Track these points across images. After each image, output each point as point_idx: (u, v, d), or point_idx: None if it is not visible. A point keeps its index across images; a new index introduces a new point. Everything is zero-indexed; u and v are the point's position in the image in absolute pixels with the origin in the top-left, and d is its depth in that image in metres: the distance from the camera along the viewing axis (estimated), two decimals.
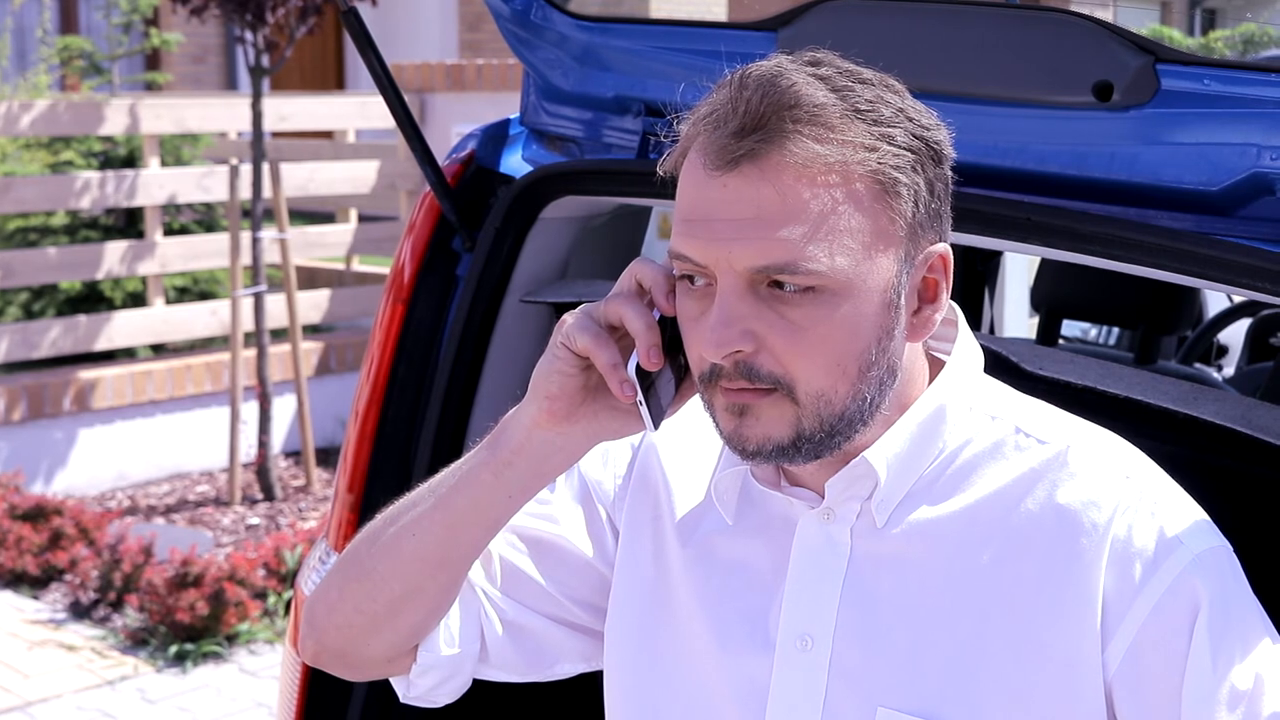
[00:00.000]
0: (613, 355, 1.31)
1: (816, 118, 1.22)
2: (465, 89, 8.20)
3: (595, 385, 1.35)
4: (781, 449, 1.27)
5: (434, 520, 1.42)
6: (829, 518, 1.35)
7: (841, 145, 1.22)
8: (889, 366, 1.28)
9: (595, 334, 1.32)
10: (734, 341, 1.23)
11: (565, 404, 1.35)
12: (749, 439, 1.27)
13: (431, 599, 1.45)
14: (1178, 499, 1.31)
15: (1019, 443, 1.34)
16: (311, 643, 1.52)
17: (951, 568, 1.31)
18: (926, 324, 1.31)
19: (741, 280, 1.23)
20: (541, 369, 1.36)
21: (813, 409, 1.25)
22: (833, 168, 1.22)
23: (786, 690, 1.34)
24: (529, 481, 1.40)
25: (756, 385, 1.25)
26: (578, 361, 1.34)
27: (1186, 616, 1.25)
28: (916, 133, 1.26)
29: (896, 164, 1.24)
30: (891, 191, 1.24)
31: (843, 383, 1.25)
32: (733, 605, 1.39)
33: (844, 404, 1.26)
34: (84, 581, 5.46)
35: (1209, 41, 3.71)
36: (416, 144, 2.20)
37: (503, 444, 1.39)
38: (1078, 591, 1.27)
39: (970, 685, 1.29)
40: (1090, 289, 3.21)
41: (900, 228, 1.25)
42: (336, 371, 7.43)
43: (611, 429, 1.37)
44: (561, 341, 1.34)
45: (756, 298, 1.24)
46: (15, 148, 7.68)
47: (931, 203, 1.28)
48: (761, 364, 1.24)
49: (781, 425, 1.26)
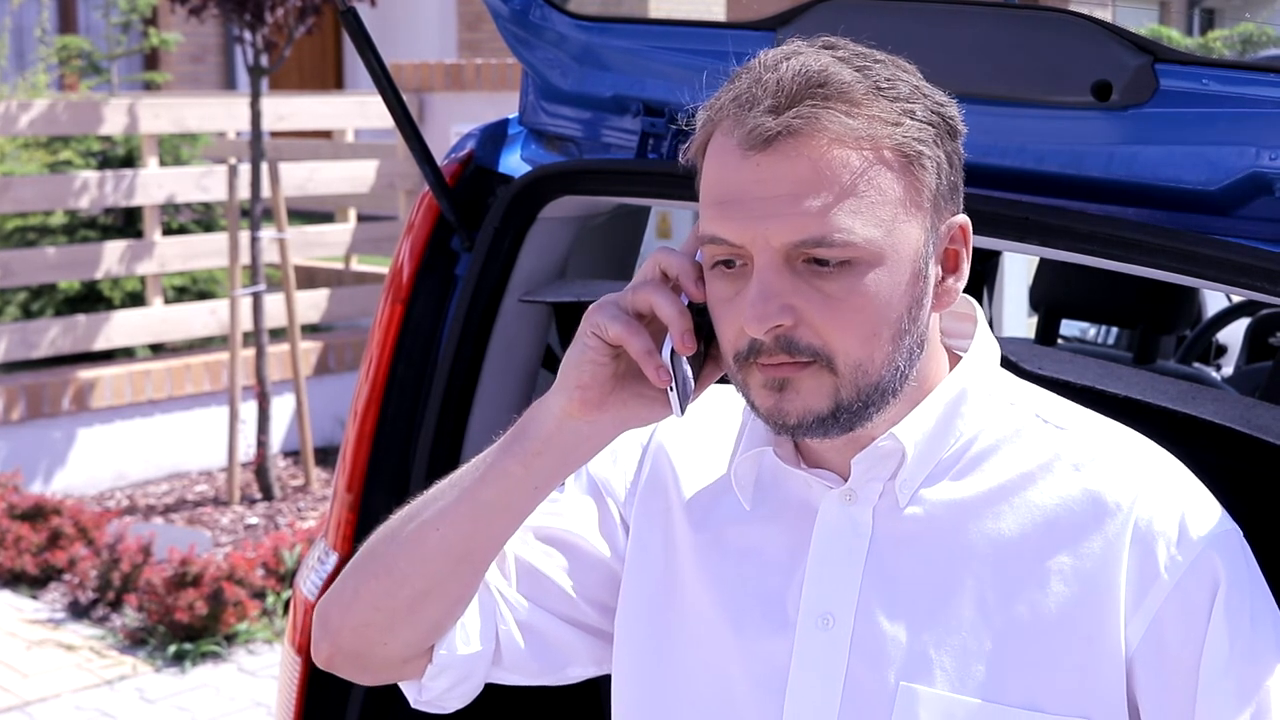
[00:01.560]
0: (646, 342, 1.33)
1: (844, 94, 1.25)
2: (464, 89, 8.20)
3: (624, 373, 1.37)
4: (821, 420, 1.29)
5: (459, 513, 1.42)
6: (851, 499, 1.36)
7: (869, 120, 1.26)
8: (919, 337, 1.31)
9: (627, 322, 1.34)
10: (774, 316, 1.25)
11: (597, 393, 1.37)
12: (789, 413, 1.29)
13: (453, 595, 1.45)
14: (1195, 484, 1.35)
15: (1039, 428, 1.37)
16: (326, 645, 1.50)
17: (973, 546, 1.33)
18: (950, 293, 1.35)
19: (779, 256, 1.26)
20: (572, 359, 1.38)
21: (851, 378, 1.28)
22: (863, 141, 1.25)
23: (807, 669, 1.36)
24: (555, 472, 1.42)
25: (796, 359, 1.27)
26: (609, 351, 1.36)
27: (1206, 594, 1.28)
28: (933, 108, 1.30)
29: (920, 137, 1.28)
30: (916, 164, 1.28)
31: (879, 351, 1.28)
32: (747, 590, 1.40)
33: (879, 373, 1.29)
34: (83, 581, 5.46)
35: (1208, 41, 3.71)
36: (415, 144, 2.20)
37: (531, 435, 1.40)
38: (1101, 570, 1.29)
39: (992, 661, 1.31)
40: (1089, 289, 3.21)
41: (925, 199, 1.29)
42: (335, 371, 7.43)
43: (640, 416, 1.39)
44: (593, 331, 1.36)
45: (794, 273, 1.26)
46: (14, 147, 7.68)
47: (951, 175, 1.32)
48: (801, 337, 1.27)
49: (821, 397, 1.28)
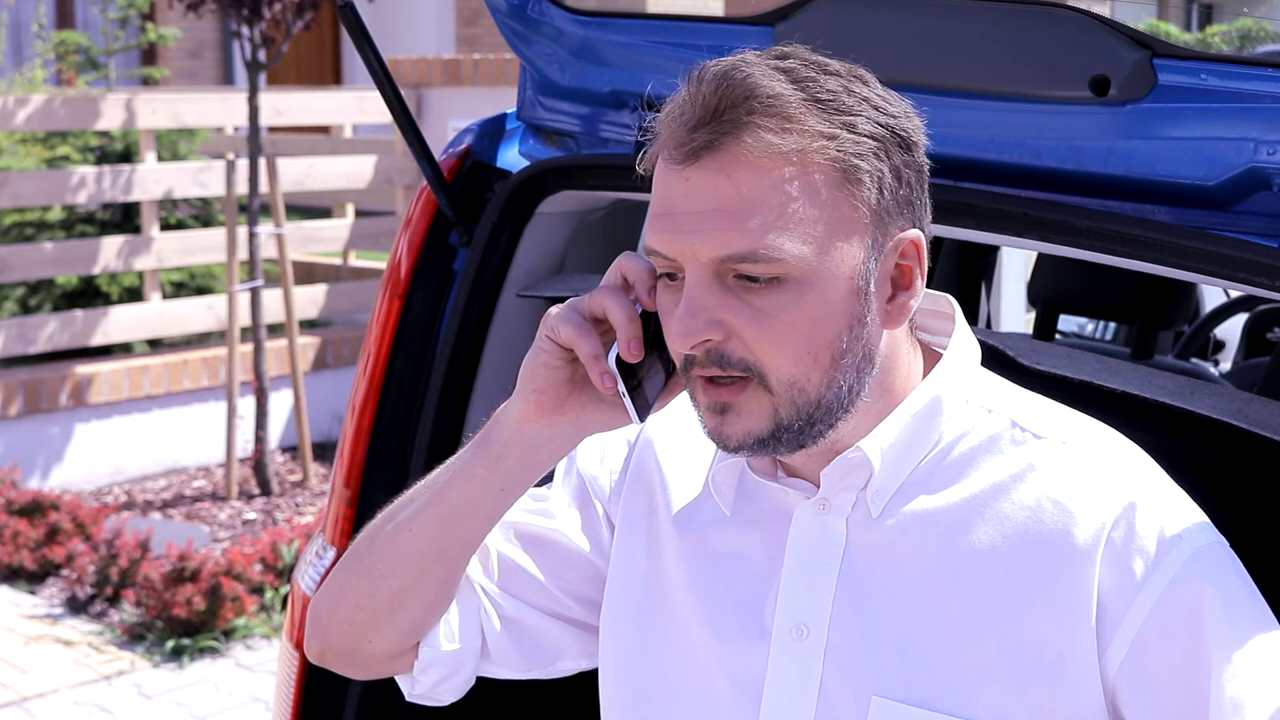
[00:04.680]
0: (594, 346, 1.32)
1: (771, 108, 1.23)
2: (462, 84, 8.19)
3: (582, 378, 1.36)
4: (762, 441, 1.28)
5: (430, 515, 1.44)
6: (824, 508, 1.35)
7: (799, 134, 1.23)
8: (865, 354, 1.29)
9: (579, 325, 1.33)
10: (700, 331, 1.24)
11: (552, 396, 1.36)
12: (730, 435, 1.28)
13: (430, 593, 1.46)
14: (1174, 495, 1.31)
15: (1015, 436, 1.34)
16: (316, 642, 1.53)
17: (946, 558, 1.31)
18: (902, 310, 1.31)
19: (707, 271, 1.25)
20: (528, 363, 1.37)
21: (787, 397, 1.26)
22: (789, 157, 1.22)
23: (782, 679, 1.35)
24: (520, 474, 1.41)
25: (729, 372, 1.26)
26: (563, 354, 1.35)
27: (1189, 612, 1.25)
28: (881, 120, 1.26)
29: (857, 150, 1.24)
30: (853, 179, 1.24)
31: (815, 370, 1.26)
32: (728, 595, 1.39)
33: (819, 392, 1.27)
34: (81, 577, 5.46)
35: (1206, 36, 3.71)
36: (413, 139, 2.20)
37: (494, 438, 1.40)
38: (1072, 586, 1.27)
39: (964, 675, 1.29)
40: (1087, 284, 3.21)
41: (864, 215, 1.26)
42: (333, 366, 7.42)
43: (600, 421, 1.38)
44: (546, 334, 1.35)
45: (724, 288, 1.25)
46: (11, 142, 7.67)
47: (900, 189, 1.28)
48: (732, 350, 1.26)
49: (760, 417, 1.27)
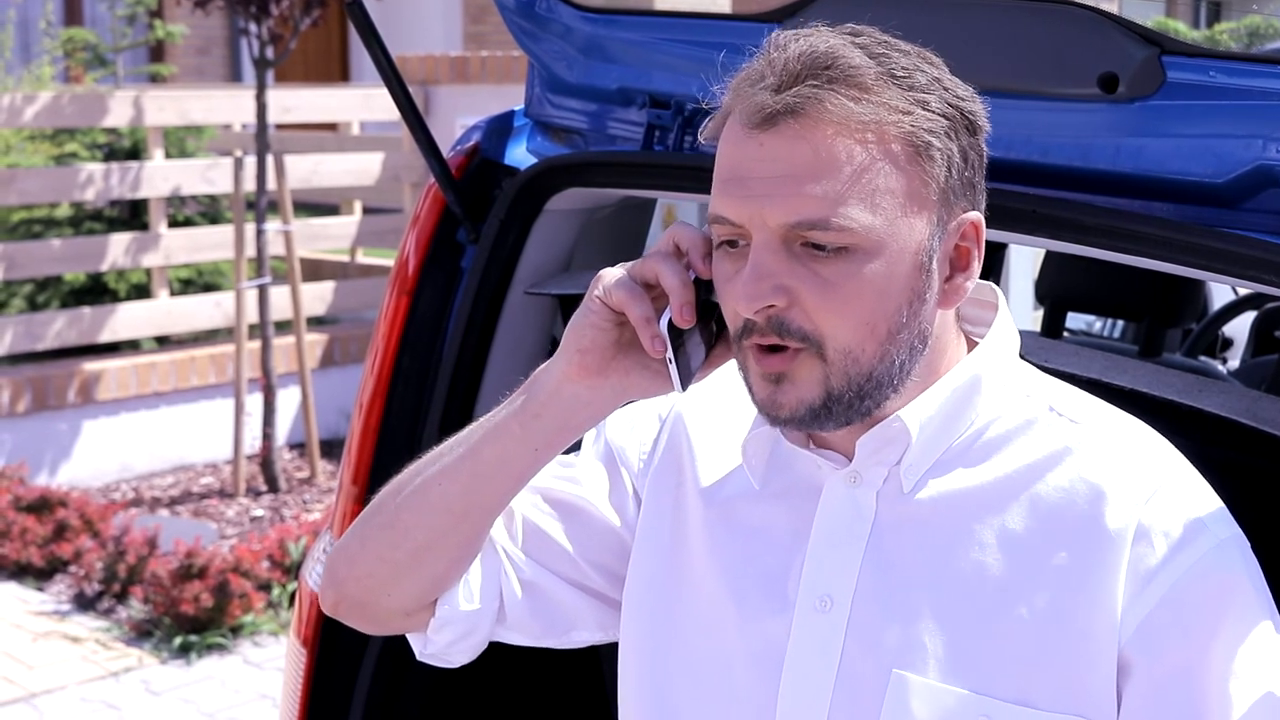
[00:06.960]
0: (646, 309, 1.33)
1: (851, 78, 1.24)
2: (469, 81, 8.20)
3: (627, 342, 1.37)
4: (814, 411, 1.28)
5: (460, 470, 1.43)
6: (855, 481, 1.35)
7: (876, 106, 1.24)
8: (920, 331, 1.29)
9: (630, 289, 1.33)
10: (766, 296, 1.25)
11: (597, 358, 1.37)
12: (783, 404, 1.29)
13: (454, 550, 1.46)
14: (1202, 485, 1.33)
15: (1051, 420, 1.35)
16: (332, 592, 1.53)
17: (975, 536, 1.32)
18: (958, 291, 1.32)
19: (775, 237, 1.25)
20: (575, 323, 1.38)
21: (840, 366, 1.27)
22: (868, 126, 1.24)
23: (803, 650, 1.35)
24: (555, 435, 1.41)
25: (787, 341, 1.26)
26: (612, 316, 1.36)
27: (1203, 599, 1.26)
28: (951, 101, 1.28)
29: (930, 128, 1.26)
30: (925, 155, 1.26)
31: (871, 342, 1.27)
32: (751, 568, 1.40)
33: (872, 364, 1.27)
34: (88, 573, 5.47)
35: (1214, 33, 3.71)
36: (421, 136, 2.20)
37: (533, 396, 1.40)
38: (1102, 567, 1.28)
39: (987, 652, 1.30)
40: (1095, 281, 3.20)
41: (933, 191, 1.27)
42: (341, 364, 7.43)
43: (641, 387, 1.39)
44: (597, 296, 1.36)
45: (790, 255, 1.25)
46: (19, 140, 7.69)
47: (965, 170, 1.29)
48: (793, 319, 1.26)
49: (812, 385, 1.27)
